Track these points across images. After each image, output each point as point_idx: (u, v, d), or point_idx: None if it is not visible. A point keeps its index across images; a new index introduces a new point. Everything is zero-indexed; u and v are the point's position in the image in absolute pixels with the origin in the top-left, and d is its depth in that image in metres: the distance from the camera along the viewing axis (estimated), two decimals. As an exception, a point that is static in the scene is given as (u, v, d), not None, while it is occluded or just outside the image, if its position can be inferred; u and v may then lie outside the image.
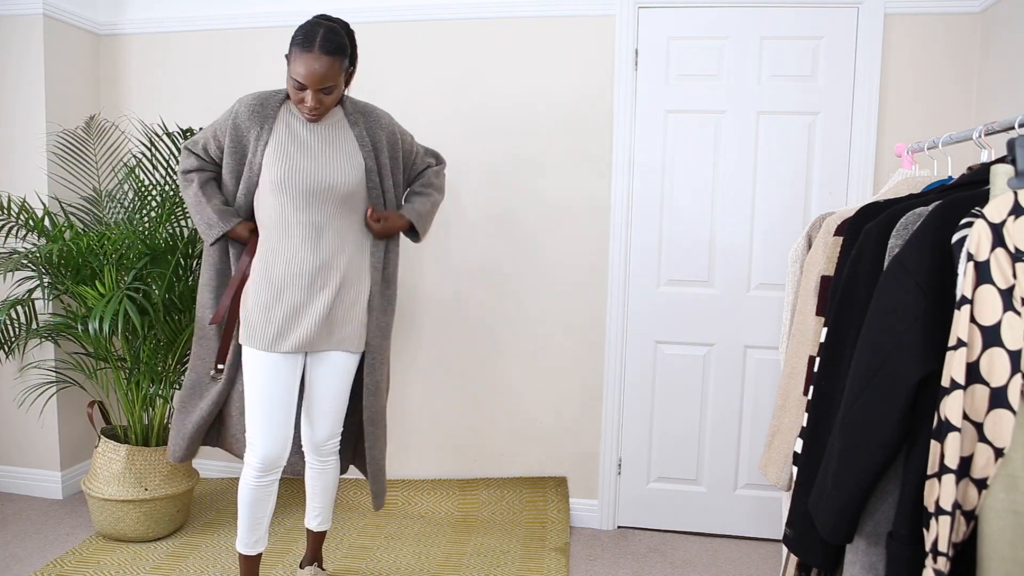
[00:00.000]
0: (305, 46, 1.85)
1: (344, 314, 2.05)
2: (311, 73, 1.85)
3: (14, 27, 2.90)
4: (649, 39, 2.76)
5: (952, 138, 1.62)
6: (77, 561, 2.48)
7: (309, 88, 1.88)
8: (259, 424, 1.99)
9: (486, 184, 2.91)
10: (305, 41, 1.86)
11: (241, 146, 2.02)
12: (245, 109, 2.01)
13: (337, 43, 1.88)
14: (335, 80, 1.90)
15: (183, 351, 2.69)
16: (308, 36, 1.86)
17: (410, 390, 3.03)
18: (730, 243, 2.78)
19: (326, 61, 1.86)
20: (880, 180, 2.64)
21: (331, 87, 1.90)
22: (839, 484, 1.18)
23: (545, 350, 2.94)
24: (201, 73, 3.07)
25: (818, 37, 2.67)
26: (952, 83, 2.62)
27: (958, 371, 1.03)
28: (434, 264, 2.98)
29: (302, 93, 1.90)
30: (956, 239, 1.08)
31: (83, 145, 2.95)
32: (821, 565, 1.35)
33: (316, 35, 1.86)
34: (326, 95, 1.91)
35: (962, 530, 1.05)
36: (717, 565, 2.64)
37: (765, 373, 2.79)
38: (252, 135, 2.00)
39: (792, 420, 1.69)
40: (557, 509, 2.87)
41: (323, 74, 1.86)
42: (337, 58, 1.88)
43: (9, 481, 3.10)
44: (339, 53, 1.88)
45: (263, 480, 2.04)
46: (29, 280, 2.69)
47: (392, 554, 2.60)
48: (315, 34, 1.86)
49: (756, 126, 2.73)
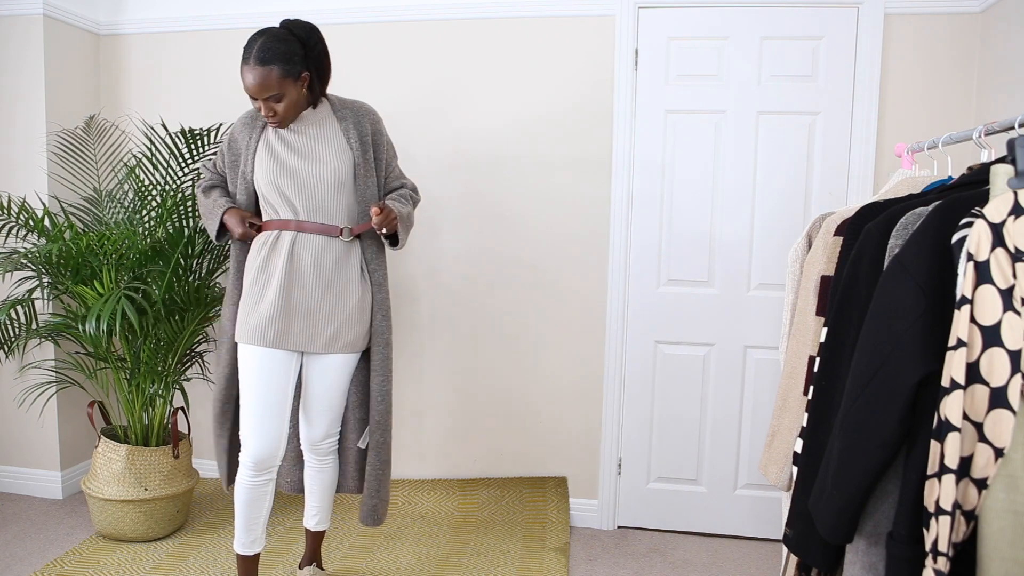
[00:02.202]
0: (244, 57, 1.90)
1: (349, 315, 2.05)
2: (251, 84, 1.89)
3: (14, 27, 2.90)
4: (649, 39, 2.76)
5: (952, 138, 1.62)
6: (77, 561, 2.48)
7: (256, 98, 1.92)
8: (252, 423, 2.00)
9: (486, 184, 2.91)
10: (245, 52, 1.90)
11: (236, 156, 2.11)
12: (239, 123, 2.12)
13: (275, 51, 1.88)
14: (278, 88, 1.90)
15: (183, 351, 2.69)
16: (247, 48, 1.91)
17: (410, 390, 3.03)
18: (730, 243, 2.78)
19: (261, 72, 1.88)
20: (880, 180, 2.64)
21: (277, 95, 1.91)
22: (839, 484, 1.18)
23: (545, 350, 2.94)
24: (201, 73, 3.07)
25: (818, 37, 2.67)
26: (952, 83, 2.62)
27: (958, 371, 1.03)
28: (433, 264, 2.97)
29: (256, 102, 1.94)
30: (956, 239, 1.08)
31: (83, 145, 2.95)
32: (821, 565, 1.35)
33: (253, 46, 1.89)
34: (275, 103, 1.93)
35: (962, 530, 1.05)
36: (717, 565, 2.64)
37: (765, 373, 2.79)
38: (243, 144, 2.08)
39: (792, 420, 1.69)
40: (557, 509, 2.87)
41: (261, 84, 1.88)
42: (274, 67, 1.88)
43: (9, 481, 3.10)
44: (276, 62, 1.88)
45: (257, 480, 2.04)
46: (29, 280, 2.69)
47: (392, 554, 2.60)
48: (252, 45, 1.90)
49: (756, 126, 2.73)
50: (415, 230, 2.93)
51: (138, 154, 2.89)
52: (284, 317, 1.98)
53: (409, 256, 2.96)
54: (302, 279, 2.00)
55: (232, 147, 2.12)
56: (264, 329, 1.98)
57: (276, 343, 1.98)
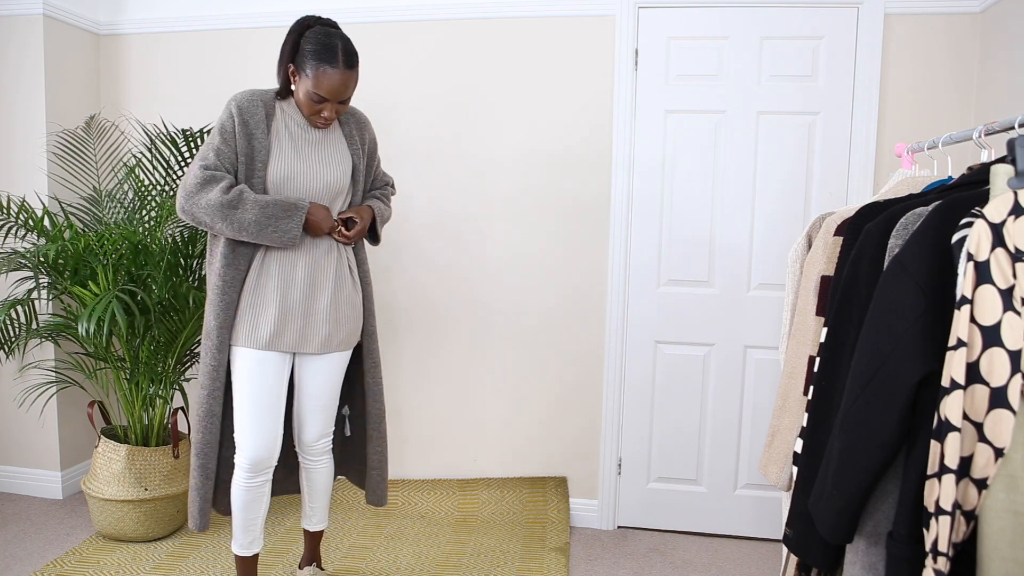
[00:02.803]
0: (329, 62, 1.83)
1: (342, 314, 2.06)
2: (336, 86, 1.86)
3: (14, 27, 2.90)
4: (649, 39, 2.76)
5: (952, 138, 1.62)
6: (77, 561, 2.48)
7: (331, 101, 1.88)
8: (248, 425, 1.99)
9: (485, 183, 2.91)
10: (328, 56, 1.84)
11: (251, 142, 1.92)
12: (248, 106, 1.92)
13: (356, 55, 1.90)
14: (354, 91, 1.92)
15: (182, 351, 2.69)
16: (329, 50, 1.84)
17: (410, 390, 3.03)
18: (730, 243, 2.78)
19: (351, 75, 1.88)
20: (880, 180, 2.64)
21: (349, 97, 1.93)
22: (839, 484, 1.18)
23: (545, 350, 2.94)
24: (202, 73, 3.07)
25: (818, 37, 2.67)
26: (952, 83, 2.62)
27: (958, 371, 1.03)
28: (433, 264, 2.97)
29: (320, 105, 1.89)
30: (956, 239, 1.08)
31: (83, 145, 2.95)
32: (821, 565, 1.35)
33: (337, 49, 1.85)
34: (342, 105, 1.93)
35: (962, 530, 1.05)
36: (717, 565, 2.64)
37: (765, 373, 2.79)
38: (258, 133, 1.91)
39: (792, 420, 1.69)
40: (557, 509, 2.87)
41: (347, 86, 1.88)
42: (357, 69, 1.90)
43: (9, 481, 3.09)
44: (357, 64, 1.90)
45: (253, 481, 2.03)
46: (29, 280, 2.69)
47: (392, 554, 2.60)
48: (335, 47, 1.85)
49: (756, 126, 2.73)
50: (422, 230, 2.95)
51: (138, 154, 2.89)
52: (280, 319, 1.98)
53: (409, 255, 2.96)
54: (297, 280, 1.99)
55: (249, 134, 1.90)
56: (260, 331, 1.97)
57: (271, 345, 1.98)
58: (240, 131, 1.91)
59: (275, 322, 1.97)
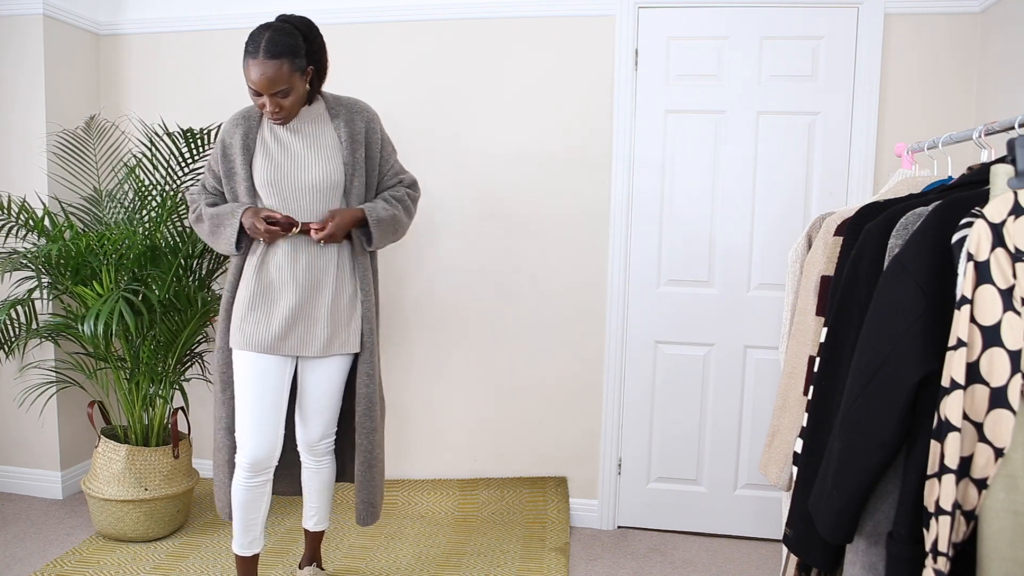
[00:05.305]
0: (251, 52, 1.86)
1: (341, 317, 2.05)
2: (260, 78, 1.86)
3: (14, 27, 2.90)
4: (649, 39, 2.76)
5: (952, 138, 1.62)
6: (77, 561, 2.48)
7: (263, 93, 1.88)
8: (249, 426, 1.99)
9: (485, 184, 2.91)
10: (251, 46, 1.87)
11: (232, 163, 2.04)
12: (229, 126, 2.05)
13: (284, 45, 1.86)
14: (287, 83, 1.88)
15: (183, 351, 2.69)
16: (254, 41, 1.87)
17: (410, 390, 3.03)
18: (730, 243, 2.78)
19: (272, 65, 1.85)
20: (880, 180, 2.64)
21: (285, 90, 1.89)
22: (839, 484, 1.18)
23: (545, 350, 2.94)
24: (202, 73, 3.07)
25: (818, 37, 2.67)
26: (952, 83, 2.62)
27: (958, 371, 1.03)
28: (433, 264, 2.97)
29: (260, 99, 1.91)
30: (956, 239, 1.08)
31: (83, 145, 2.95)
32: (821, 565, 1.35)
33: (261, 40, 1.86)
34: (282, 98, 1.90)
35: (962, 530, 1.05)
36: (717, 565, 2.64)
37: (765, 373, 2.79)
38: (237, 148, 2.01)
39: (792, 420, 1.69)
40: (557, 509, 2.87)
41: (271, 78, 1.85)
42: (284, 60, 1.86)
43: (9, 481, 3.09)
44: (286, 55, 1.86)
45: (254, 481, 2.04)
46: (29, 280, 2.69)
47: (392, 554, 2.60)
48: (260, 39, 1.86)
49: (756, 126, 2.73)
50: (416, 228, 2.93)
51: (138, 154, 2.89)
52: (281, 322, 1.98)
53: (409, 258, 2.96)
54: (297, 283, 1.99)
55: (226, 156, 2.04)
56: (260, 335, 1.97)
57: (272, 349, 1.98)
58: (220, 156, 2.07)
59: (276, 326, 1.97)
